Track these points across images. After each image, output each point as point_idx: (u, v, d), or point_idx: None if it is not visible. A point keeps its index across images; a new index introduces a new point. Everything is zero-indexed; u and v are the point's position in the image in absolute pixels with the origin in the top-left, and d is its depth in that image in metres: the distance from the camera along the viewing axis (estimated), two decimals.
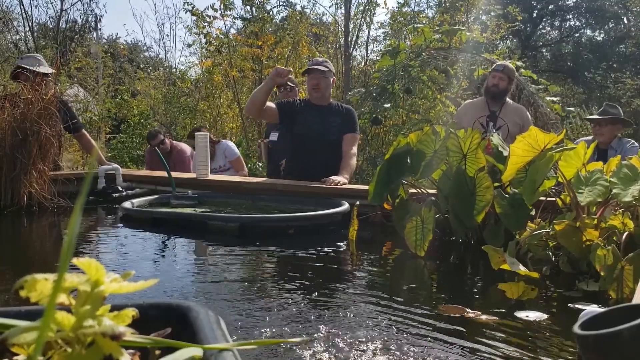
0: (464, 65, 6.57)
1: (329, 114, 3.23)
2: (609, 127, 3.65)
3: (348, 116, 3.29)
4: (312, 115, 3.22)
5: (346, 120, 3.25)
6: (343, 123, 3.23)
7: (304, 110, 3.26)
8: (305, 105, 3.30)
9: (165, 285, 1.58)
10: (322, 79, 3.22)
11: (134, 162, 8.51)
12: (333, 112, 3.26)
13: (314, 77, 3.22)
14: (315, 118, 3.21)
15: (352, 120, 3.31)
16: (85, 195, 0.40)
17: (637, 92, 16.27)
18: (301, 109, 3.27)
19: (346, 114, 3.29)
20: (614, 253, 1.57)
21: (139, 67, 15.65)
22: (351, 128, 3.27)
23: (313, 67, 3.23)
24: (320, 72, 3.20)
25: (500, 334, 1.25)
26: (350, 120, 3.28)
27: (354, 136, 3.28)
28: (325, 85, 3.24)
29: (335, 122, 3.21)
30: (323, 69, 3.21)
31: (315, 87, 3.23)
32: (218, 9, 8.24)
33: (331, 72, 3.29)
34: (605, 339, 0.75)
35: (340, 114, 3.26)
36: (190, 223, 2.52)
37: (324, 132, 3.19)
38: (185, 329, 0.64)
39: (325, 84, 3.24)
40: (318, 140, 3.18)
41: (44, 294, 0.49)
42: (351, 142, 3.23)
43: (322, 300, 1.49)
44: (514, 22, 10.45)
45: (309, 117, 3.21)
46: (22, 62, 3.59)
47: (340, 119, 3.23)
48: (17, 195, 2.97)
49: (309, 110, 3.25)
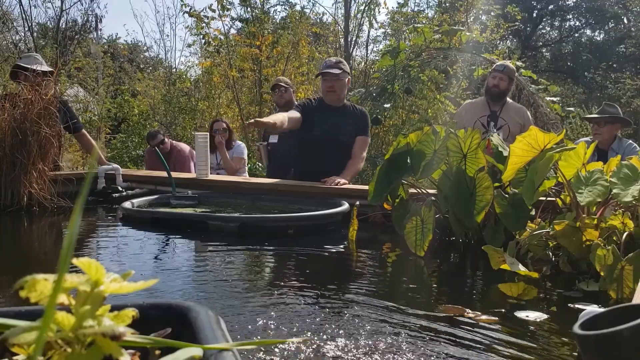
0: (463, 65, 6.57)
1: (343, 116, 3.23)
2: (608, 127, 3.65)
3: (362, 118, 3.29)
4: (327, 117, 3.21)
5: (360, 123, 3.26)
6: (357, 125, 3.23)
7: (319, 111, 3.24)
8: (320, 105, 3.28)
9: (165, 285, 1.58)
10: (337, 81, 3.20)
11: (133, 162, 8.51)
12: (348, 113, 3.26)
13: (328, 79, 3.21)
14: (330, 119, 3.20)
15: (366, 123, 3.31)
16: (85, 195, 0.40)
17: (637, 92, 16.27)
18: (317, 109, 3.26)
19: (360, 116, 3.29)
20: (614, 253, 1.57)
21: (139, 67, 15.64)
22: (364, 131, 3.27)
23: (327, 70, 3.21)
24: (334, 75, 3.18)
25: (500, 334, 1.25)
26: (363, 123, 3.28)
27: (365, 139, 3.29)
28: (340, 87, 3.22)
29: (349, 124, 3.22)
30: (337, 72, 3.19)
31: (330, 89, 3.21)
32: (216, 9, 8.25)
33: (346, 73, 3.25)
34: (605, 339, 0.75)
35: (354, 116, 3.26)
36: (190, 223, 2.52)
37: (338, 134, 3.19)
38: (185, 329, 0.64)
39: (340, 85, 3.22)
40: (332, 141, 3.18)
41: (44, 294, 0.49)
42: (362, 145, 3.24)
43: (322, 300, 1.48)
44: (514, 21, 10.45)
45: (324, 118, 3.20)
46: (21, 62, 3.59)
47: (354, 121, 3.23)
48: (17, 195, 2.98)
49: (323, 111, 3.23)
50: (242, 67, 8.69)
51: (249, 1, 8.57)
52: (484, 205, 2.08)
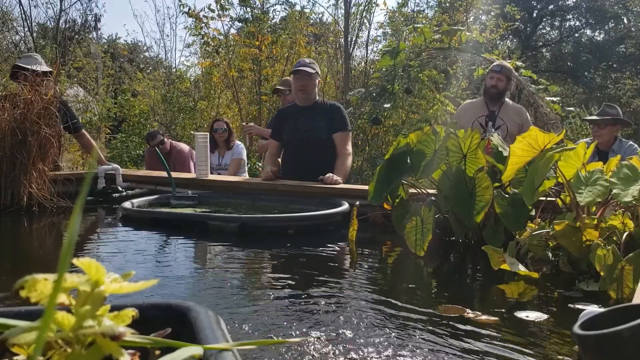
0: (463, 65, 6.57)
1: (315, 114, 3.25)
2: (608, 129, 3.65)
3: (335, 113, 3.27)
4: (298, 119, 3.26)
5: (333, 118, 3.24)
6: (330, 121, 3.22)
7: (290, 117, 3.31)
8: (293, 110, 3.34)
9: (165, 285, 1.58)
10: (309, 80, 3.24)
11: (133, 162, 8.51)
12: (318, 110, 3.27)
13: (300, 78, 3.24)
14: (302, 120, 3.24)
15: (340, 116, 3.27)
16: (85, 195, 0.40)
17: (637, 92, 16.27)
18: (288, 116, 3.33)
19: (333, 111, 3.27)
20: (614, 253, 1.57)
21: (139, 67, 15.64)
22: (340, 126, 3.23)
23: (300, 68, 3.25)
24: (307, 73, 3.22)
25: (500, 334, 1.25)
26: (337, 118, 3.25)
27: (344, 135, 3.24)
28: (311, 86, 3.27)
29: (322, 121, 3.22)
30: (310, 71, 3.23)
31: (301, 88, 3.25)
32: (215, 9, 8.25)
33: (317, 74, 3.32)
34: (605, 339, 0.75)
35: (326, 112, 3.26)
36: (190, 223, 2.52)
37: (312, 133, 3.21)
38: (185, 329, 0.64)
39: (312, 85, 3.27)
40: (307, 141, 3.20)
41: (44, 294, 0.49)
42: (343, 141, 3.22)
43: (322, 300, 1.48)
44: (513, 21, 10.45)
45: (299, 121, 3.25)
46: (21, 62, 3.59)
47: (326, 116, 3.23)
48: (17, 195, 2.98)
49: (296, 114, 3.29)
50: (242, 67, 8.69)
51: (248, 1, 8.57)
52: (484, 205, 2.08)
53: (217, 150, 4.62)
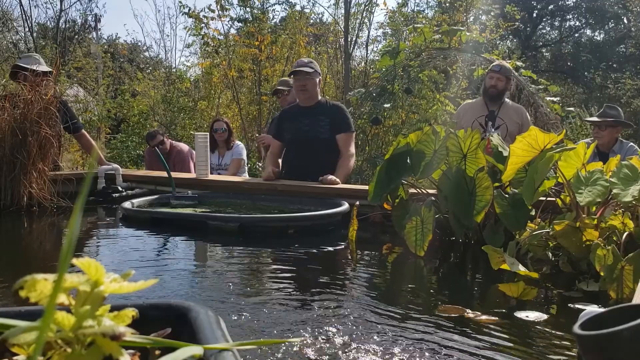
0: (463, 65, 6.57)
1: (317, 114, 3.23)
2: (608, 130, 3.64)
3: (338, 113, 3.26)
4: (301, 119, 3.24)
5: (337, 119, 3.23)
6: (333, 121, 3.21)
7: (294, 117, 3.29)
8: (294, 110, 3.33)
9: (165, 285, 1.58)
10: (309, 79, 3.22)
11: (133, 162, 8.51)
12: (321, 110, 3.25)
13: (300, 78, 3.23)
14: (304, 120, 3.23)
15: (343, 117, 3.26)
16: (85, 195, 0.40)
17: (637, 92, 16.26)
18: (290, 117, 3.32)
19: (335, 111, 3.26)
20: (614, 253, 1.57)
21: (139, 67, 15.64)
22: (344, 127, 3.23)
23: (299, 69, 3.23)
24: (306, 73, 3.20)
25: (500, 334, 1.25)
26: (341, 118, 3.24)
27: (347, 136, 3.23)
28: (312, 86, 3.24)
29: (324, 121, 3.21)
30: (309, 70, 3.21)
31: (302, 88, 3.23)
32: (215, 9, 8.25)
33: (317, 73, 3.28)
34: (605, 339, 0.75)
35: (329, 112, 3.25)
36: (190, 223, 2.52)
37: (315, 133, 3.20)
38: (185, 329, 0.64)
39: (312, 84, 3.24)
40: (309, 141, 3.19)
41: (44, 294, 0.49)
42: (347, 142, 3.21)
43: (322, 300, 1.48)
44: (513, 21, 10.45)
45: (298, 121, 3.24)
46: (20, 62, 3.59)
47: (329, 116, 3.22)
48: (17, 195, 2.97)
49: (298, 115, 3.27)
50: (242, 67, 8.69)
51: (248, 1, 8.57)
52: (484, 205, 2.08)
53: (217, 150, 4.62)
